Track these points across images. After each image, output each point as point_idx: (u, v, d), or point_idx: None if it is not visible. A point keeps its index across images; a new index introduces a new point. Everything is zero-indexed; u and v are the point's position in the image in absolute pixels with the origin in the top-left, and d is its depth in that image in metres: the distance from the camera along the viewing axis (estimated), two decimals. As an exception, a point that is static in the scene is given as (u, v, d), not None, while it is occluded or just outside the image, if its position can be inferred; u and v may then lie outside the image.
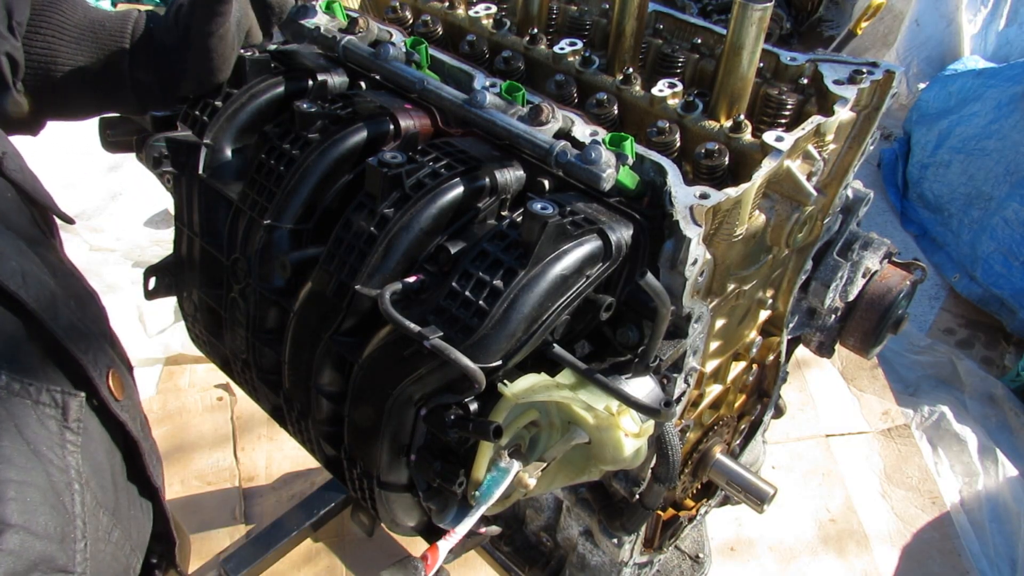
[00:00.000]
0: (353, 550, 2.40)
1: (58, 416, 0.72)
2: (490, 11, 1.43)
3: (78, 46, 1.14)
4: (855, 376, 3.11)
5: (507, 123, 1.09)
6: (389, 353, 1.01)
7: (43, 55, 1.12)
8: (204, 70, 1.23)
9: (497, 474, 0.96)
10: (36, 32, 1.11)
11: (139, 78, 1.20)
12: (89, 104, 1.21)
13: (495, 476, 0.96)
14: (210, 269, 1.30)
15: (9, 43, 1.03)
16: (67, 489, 0.70)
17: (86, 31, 1.15)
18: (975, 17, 4.44)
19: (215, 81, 1.27)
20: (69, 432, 0.73)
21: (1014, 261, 3.32)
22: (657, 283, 0.94)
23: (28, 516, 0.64)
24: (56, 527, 0.67)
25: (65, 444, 0.72)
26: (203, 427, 2.73)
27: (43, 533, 0.65)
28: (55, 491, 0.68)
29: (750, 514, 1.67)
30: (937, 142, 3.90)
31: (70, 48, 1.13)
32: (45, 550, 0.65)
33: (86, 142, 1.54)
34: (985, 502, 2.66)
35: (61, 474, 0.70)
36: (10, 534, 0.62)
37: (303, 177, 1.14)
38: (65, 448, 0.72)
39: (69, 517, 0.69)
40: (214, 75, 1.25)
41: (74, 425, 0.74)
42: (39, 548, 0.64)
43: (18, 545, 0.62)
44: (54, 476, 0.69)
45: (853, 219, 1.41)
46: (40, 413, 0.70)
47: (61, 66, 1.13)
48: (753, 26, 1.08)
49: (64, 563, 0.67)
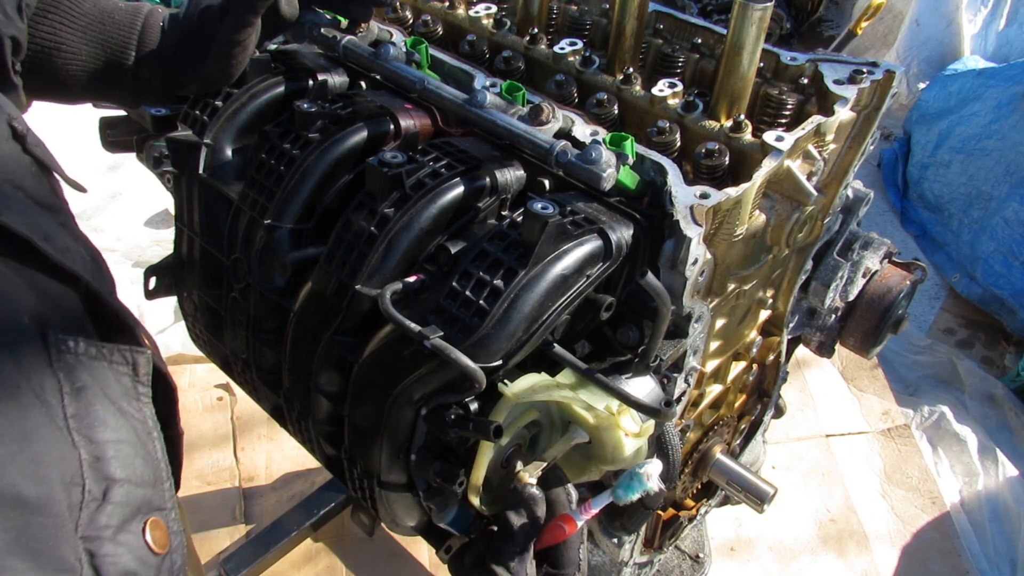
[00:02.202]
0: (353, 550, 2.40)
1: (130, 372, 0.79)
2: (490, 11, 1.43)
3: (83, 35, 1.14)
4: (855, 376, 3.11)
5: (507, 123, 1.09)
6: (389, 353, 1.01)
7: (47, 40, 1.11)
8: (221, 76, 1.24)
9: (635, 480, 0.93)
10: (44, 16, 1.11)
11: (141, 74, 1.19)
12: (84, 92, 1.20)
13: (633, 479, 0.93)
14: (210, 269, 1.30)
15: (15, 26, 1.03)
16: (148, 438, 0.78)
17: (94, 20, 1.15)
18: (975, 17, 4.43)
19: (225, 86, 1.28)
20: (141, 385, 0.80)
21: (1014, 261, 3.31)
22: (658, 283, 0.94)
23: (127, 470, 0.72)
24: (149, 474, 0.75)
25: (139, 397, 0.80)
26: (203, 427, 2.73)
27: (140, 481, 0.73)
28: (141, 442, 0.76)
29: (750, 514, 1.67)
30: (937, 142, 3.89)
31: (75, 36, 1.13)
32: (144, 495, 0.73)
33: (86, 142, 1.54)
34: (985, 502, 2.65)
35: (142, 425, 0.78)
36: (116, 488, 0.70)
37: (303, 177, 1.14)
38: (140, 400, 0.79)
39: (155, 462, 0.77)
40: (228, 81, 1.26)
41: (144, 379, 0.81)
42: (139, 495, 0.72)
43: (124, 496, 0.70)
44: (137, 428, 0.77)
45: (853, 219, 1.41)
46: (116, 372, 0.78)
47: (63, 53, 1.13)
48: (753, 26, 1.08)
49: (159, 503, 0.75)
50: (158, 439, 0.80)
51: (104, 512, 0.68)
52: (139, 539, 0.70)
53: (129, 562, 0.68)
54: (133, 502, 0.71)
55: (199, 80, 1.24)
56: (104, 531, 0.67)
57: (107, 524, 0.67)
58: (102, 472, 0.70)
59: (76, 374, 0.72)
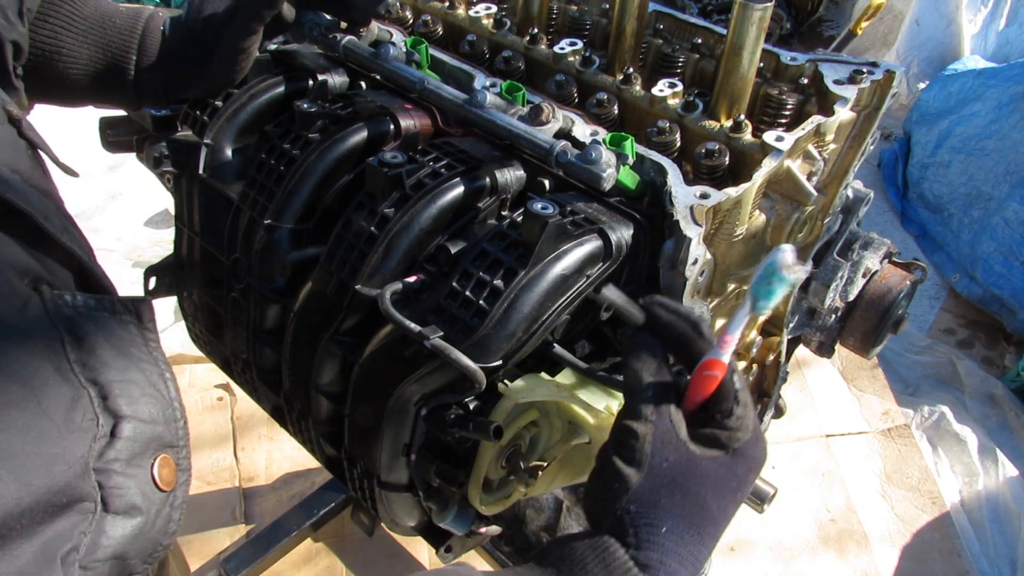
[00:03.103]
0: (353, 550, 2.40)
1: (134, 320, 0.81)
2: (490, 11, 1.43)
3: (84, 39, 1.14)
4: (855, 376, 3.11)
5: (507, 123, 1.09)
6: (389, 353, 1.01)
7: (48, 44, 1.12)
8: (225, 81, 1.25)
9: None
10: (45, 20, 1.11)
11: (143, 78, 1.19)
12: (85, 95, 1.21)
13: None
14: (210, 269, 1.30)
15: (16, 30, 1.04)
16: (160, 379, 0.79)
17: (95, 24, 1.15)
18: (975, 17, 4.43)
19: (228, 89, 1.28)
20: (147, 331, 0.82)
21: (1014, 261, 3.31)
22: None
23: (135, 407, 0.74)
24: (159, 412, 0.77)
25: (148, 342, 0.81)
26: (203, 427, 2.73)
27: (149, 419, 0.75)
28: (150, 383, 0.78)
29: (750, 514, 1.67)
30: (937, 142, 3.89)
31: (76, 40, 1.13)
32: (154, 432, 0.75)
33: (86, 142, 1.54)
34: (985, 502, 2.65)
35: (151, 367, 0.79)
36: (123, 424, 0.72)
37: (303, 177, 1.14)
38: (148, 345, 0.81)
39: (167, 402, 0.79)
40: (231, 85, 1.27)
41: (150, 325, 0.82)
42: (149, 431, 0.74)
43: (132, 431, 0.72)
44: (146, 370, 0.78)
45: (853, 219, 1.41)
46: (119, 320, 0.79)
47: (64, 57, 1.13)
48: (753, 26, 1.08)
49: (171, 440, 0.77)
50: (171, 381, 0.81)
51: (114, 447, 0.70)
52: (147, 474, 0.73)
53: (135, 496, 0.70)
54: (141, 437, 0.73)
55: (202, 84, 1.24)
56: (113, 464, 0.69)
57: (116, 458, 0.70)
58: (109, 409, 0.72)
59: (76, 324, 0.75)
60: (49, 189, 0.94)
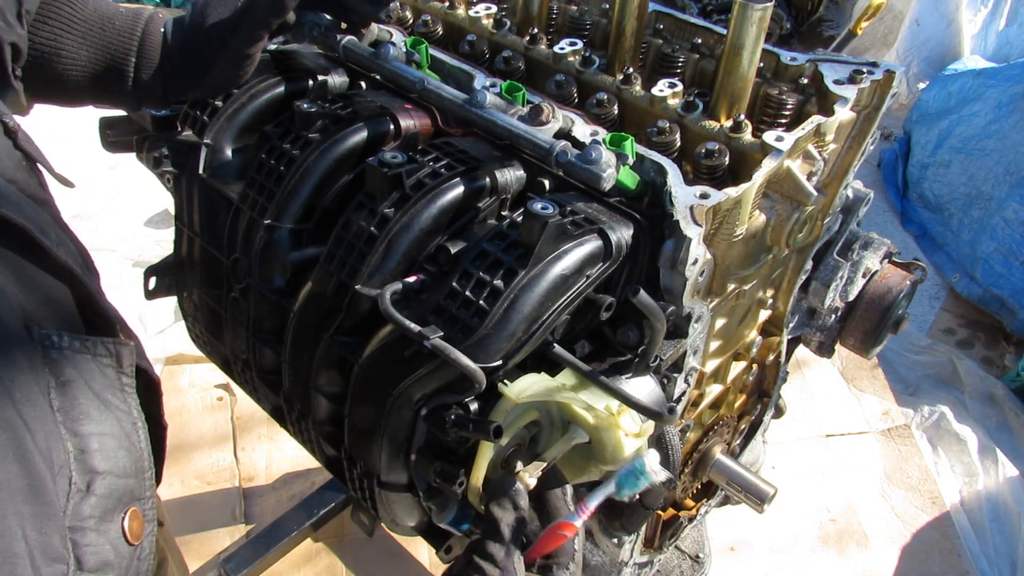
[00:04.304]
0: (353, 550, 2.40)
1: (114, 364, 0.82)
2: (490, 11, 1.43)
3: (83, 40, 1.14)
4: (855, 376, 3.11)
5: (507, 123, 1.09)
6: (389, 353, 1.01)
7: (47, 46, 1.12)
8: (227, 84, 1.25)
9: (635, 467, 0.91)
10: (44, 22, 1.11)
11: (142, 79, 1.19)
12: (84, 96, 1.21)
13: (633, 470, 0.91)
14: (210, 269, 1.30)
15: (15, 32, 1.04)
16: (133, 428, 0.81)
17: (94, 26, 1.15)
18: (975, 17, 4.43)
19: (229, 92, 1.28)
20: (125, 376, 0.83)
21: (1014, 261, 3.31)
22: (650, 300, 0.94)
23: (111, 462, 0.74)
24: (132, 464, 0.78)
25: (124, 388, 0.82)
26: (203, 427, 2.73)
27: (123, 472, 0.76)
28: (125, 433, 0.78)
29: (750, 514, 1.67)
30: (937, 142, 3.89)
31: (75, 42, 1.13)
32: (126, 486, 0.76)
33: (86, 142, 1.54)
34: (985, 502, 2.65)
35: (126, 416, 0.80)
36: (99, 480, 0.72)
37: (303, 177, 1.14)
38: (124, 391, 0.82)
39: (138, 452, 0.80)
40: (232, 88, 1.27)
41: (128, 370, 0.83)
42: (121, 486, 0.75)
43: (107, 488, 0.73)
44: (122, 420, 0.79)
45: (853, 219, 1.41)
46: (100, 364, 0.80)
47: (63, 58, 1.13)
48: (753, 26, 1.08)
49: (139, 492, 0.78)
50: (142, 428, 0.82)
51: (88, 503, 0.71)
52: (118, 529, 0.73)
53: (107, 553, 0.71)
54: (115, 493, 0.74)
55: (204, 87, 1.23)
56: (87, 521, 0.70)
57: (90, 515, 0.70)
58: (86, 464, 0.72)
59: (61, 368, 0.75)
60: (45, 199, 0.94)
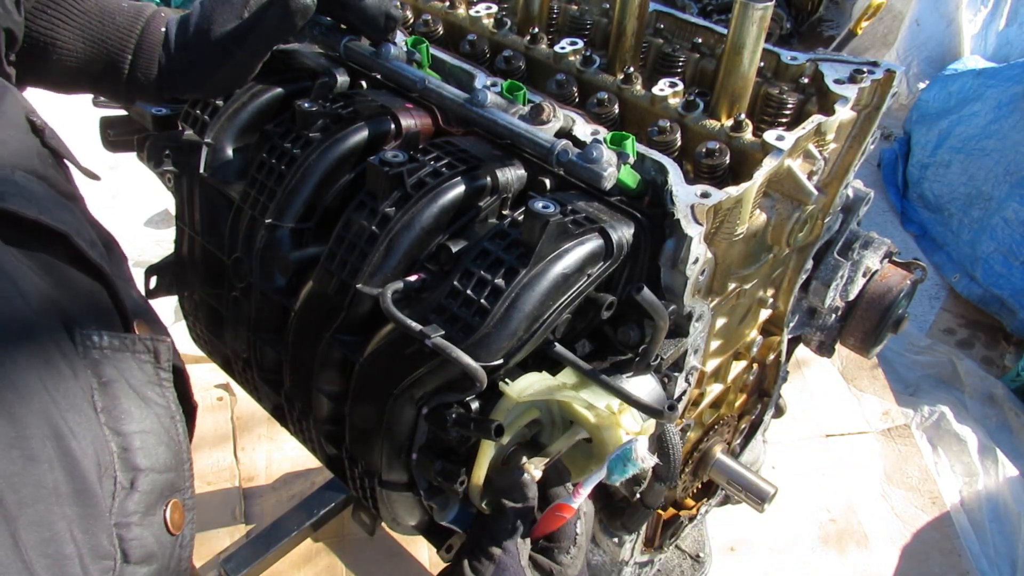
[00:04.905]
0: (353, 550, 2.40)
1: (152, 360, 0.83)
2: (491, 11, 1.44)
3: (81, 33, 1.13)
4: (855, 376, 3.11)
5: (508, 122, 1.09)
6: (390, 352, 1.01)
7: (43, 35, 1.11)
8: (227, 90, 1.24)
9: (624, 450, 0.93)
10: (43, 11, 1.11)
11: (138, 76, 1.18)
12: (76, 86, 1.20)
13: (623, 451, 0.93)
14: (211, 268, 1.30)
15: (11, 19, 1.03)
16: (172, 422, 0.82)
17: (93, 20, 1.14)
18: (975, 17, 4.44)
19: (227, 95, 1.27)
20: (162, 371, 0.84)
21: (1014, 261, 3.31)
22: (654, 298, 0.94)
23: (152, 459, 0.77)
24: (172, 458, 0.80)
25: (161, 383, 0.83)
26: (203, 427, 2.73)
27: (164, 468, 0.78)
28: (164, 428, 0.80)
29: (750, 514, 1.67)
30: (937, 142, 3.90)
31: (72, 34, 1.13)
32: (168, 480, 0.78)
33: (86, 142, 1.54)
34: (985, 502, 2.65)
35: (164, 411, 0.82)
36: (142, 478, 0.75)
37: (304, 176, 1.14)
38: (162, 386, 0.83)
39: (178, 446, 0.82)
40: (231, 92, 1.26)
41: (165, 365, 0.85)
42: (163, 481, 0.77)
43: (149, 485, 0.75)
44: (161, 416, 0.81)
45: (853, 218, 1.41)
46: (139, 361, 0.81)
47: (59, 49, 1.12)
48: (754, 26, 1.08)
49: (180, 484, 0.80)
50: (180, 422, 0.84)
51: (132, 500, 0.73)
52: (160, 521, 0.76)
53: (152, 545, 0.73)
54: (156, 488, 0.76)
55: (203, 91, 1.22)
56: (132, 516, 0.72)
57: (135, 511, 0.73)
58: (130, 463, 0.75)
59: (102, 368, 0.77)
60: (74, 194, 0.96)
